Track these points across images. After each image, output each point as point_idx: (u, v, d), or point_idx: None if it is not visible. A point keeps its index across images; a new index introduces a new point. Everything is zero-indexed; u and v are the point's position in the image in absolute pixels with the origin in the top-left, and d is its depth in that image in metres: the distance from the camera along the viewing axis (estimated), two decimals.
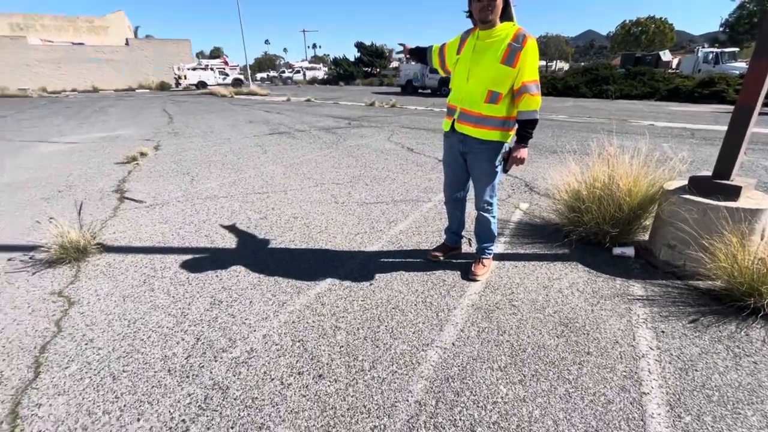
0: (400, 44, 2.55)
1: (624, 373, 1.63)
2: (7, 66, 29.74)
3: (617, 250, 2.66)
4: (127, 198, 3.98)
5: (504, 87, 1.99)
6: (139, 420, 1.43)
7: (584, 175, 2.89)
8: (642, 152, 2.80)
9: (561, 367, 1.67)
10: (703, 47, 27.05)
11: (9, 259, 2.66)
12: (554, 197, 3.16)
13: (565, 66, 56.17)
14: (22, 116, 12.27)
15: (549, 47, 61.21)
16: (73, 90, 30.90)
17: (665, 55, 29.70)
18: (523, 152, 2.08)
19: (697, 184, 2.41)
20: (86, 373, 1.66)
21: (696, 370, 1.65)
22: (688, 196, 2.37)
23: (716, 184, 2.33)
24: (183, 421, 1.42)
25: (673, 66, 29.49)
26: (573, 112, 12.41)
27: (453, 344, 1.82)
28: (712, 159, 4.77)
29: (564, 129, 8.46)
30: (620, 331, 1.90)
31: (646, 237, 2.82)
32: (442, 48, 2.33)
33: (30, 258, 2.66)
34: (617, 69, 23.41)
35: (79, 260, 2.61)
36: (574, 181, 2.92)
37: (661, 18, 50.40)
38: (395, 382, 1.60)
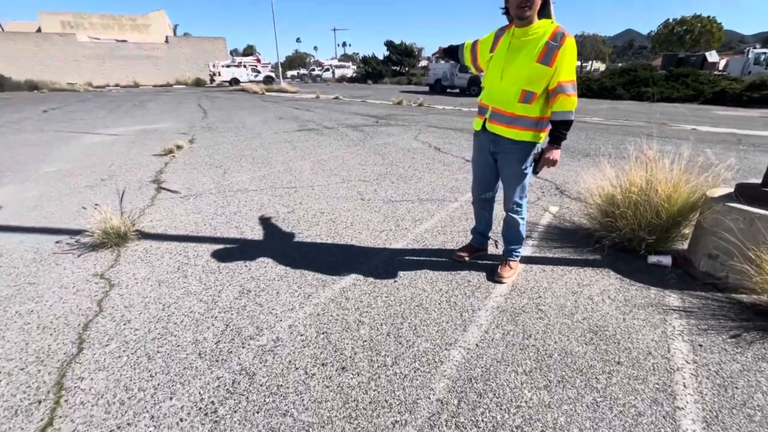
0: (439, 47, 2.54)
1: (657, 386, 1.57)
2: (58, 61, 31.73)
3: (653, 259, 2.55)
4: (164, 188, 4.16)
5: (539, 86, 1.95)
6: (171, 399, 1.50)
7: (620, 179, 2.78)
8: (683, 157, 2.67)
9: (589, 375, 1.62)
10: (755, 48, 25.37)
11: (57, 242, 2.84)
12: (586, 201, 3.06)
13: (602, 66, 54.08)
14: (70, 108, 13.04)
15: (585, 47, 58.96)
16: (116, 85, 32.55)
17: (711, 56, 28.10)
18: (555, 154, 2.03)
19: (745, 192, 2.27)
20: (124, 351, 1.75)
21: (736, 388, 1.56)
22: (734, 204, 2.24)
23: (766, 193, 2.19)
24: (212, 402, 1.48)
25: (720, 67, 27.85)
26: (608, 114, 11.95)
27: (477, 345, 1.80)
28: (761, 167, 4.49)
29: (598, 132, 8.16)
30: (654, 342, 1.83)
31: (685, 246, 2.68)
32: (474, 44, 2.29)
33: (76, 241, 2.83)
34: (658, 70, 22.34)
35: (119, 245, 2.75)
36: (608, 184, 2.81)
37: (708, 17, 47.67)
38: (417, 380, 1.60)
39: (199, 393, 1.52)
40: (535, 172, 2.14)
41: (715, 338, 1.85)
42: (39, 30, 33.60)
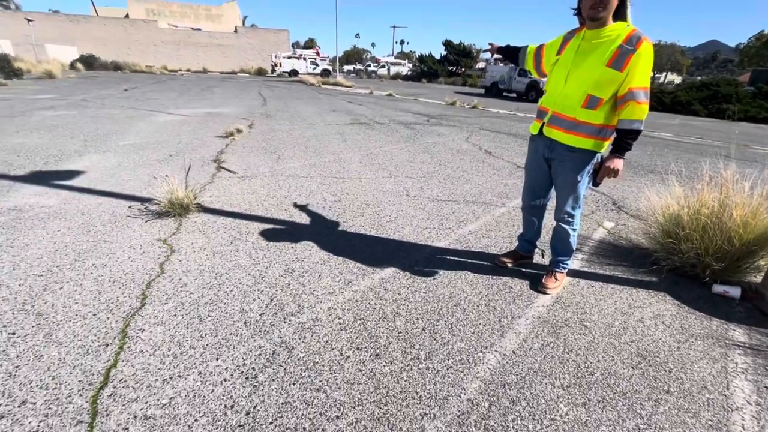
0: (490, 44, 2.48)
1: (710, 423, 1.45)
2: (140, 45, 34.73)
3: (718, 288, 2.34)
4: (223, 168, 4.44)
5: (606, 92, 1.85)
6: (217, 359, 1.61)
7: (689, 199, 2.58)
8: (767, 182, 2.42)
9: (633, 399, 1.53)
10: None
11: (129, 207, 3.14)
12: (647, 220, 2.86)
13: (677, 79, 49.81)
14: (146, 89, 14.24)
15: (660, 57, 54.46)
16: (188, 70, 35.02)
17: None
18: (617, 163, 1.92)
19: None
20: (179, 311, 1.90)
21: None
22: None
23: None
24: (253, 368, 1.58)
25: None
26: (680, 130, 11.03)
27: (513, 352, 1.76)
28: None
29: (668, 148, 7.57)
30: (711, 376, 1.68)
31: (759, 279, 2.43)
32: (539, 48, 2.22)
33: (145, 208, 3.11)
34: (744, 86, 20.22)
35: (181, 215, 2.99)
36: (674, 204, 2.61)
37: None
38: (449, 377, 1.59)
39: (242, 358, 1.63)
40: (596, 183, 2.03)
41: None
42: (127, 15, 36.91)
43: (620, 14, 1.85)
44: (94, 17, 35.26)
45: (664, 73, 57.26)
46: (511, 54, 2.38)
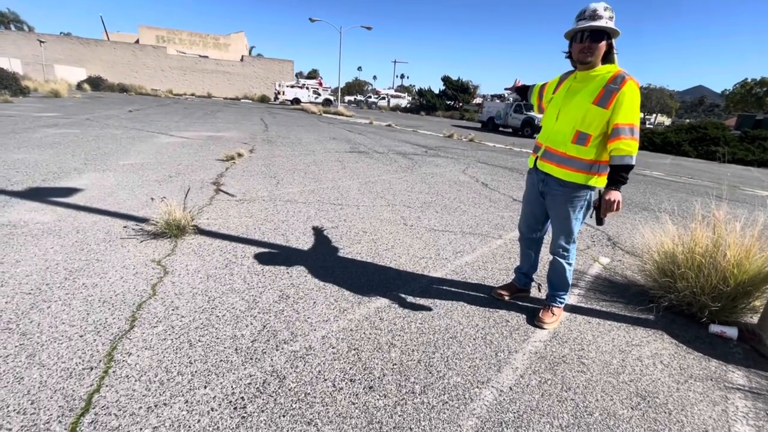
0: (516, 80, 2.62)
1: None
2: (148, 69, 35.73)
3: (715, 328, 2.32)
4: (222, 191, 4.45)
5: (594, 129, 1.92)
6: (205, 387, 1.55)
7: (683, 237, 2.61)
8: (758, 223, 2.46)
9: None
10: None
11: (124, 227, 3.12)
12: (642, 256, 2.88)
13: (666, 121, 51.64)
14: (150, 111, 14.48)
15: (650, 100, 56.61)
16: (192, 94, 35.86)
17: None
18: (613, 194, 1.91)
19: None
20: (169, 335, 1.85)
21: None
22: None
23: None
24: (242, 398, 1.52)
25: None
26: (671, 170, 11.30)
27: (510, 388, 1.72)
28: None
29: (659, 186, 7.72)
30: (712, 419, 1.64)
31: (755, 320, 2.43)
32: (542, 86, 2.36)
33: (141, 228, 3.09)
34: (731, 130, 20.97)
35: (177, 237, 2.97)
36: (669, 241, 2.64)
37: None
38: (445, 413, 1.54)
39: (231, 387, 1.57)
40: (600, 221, 2.01)
41: None
42: (137, 41, 38.15)
43: (608, 59, 1.96)
44: (105, 41, 36.39)
45: (654, 115, 59.41)
46: (523, 91, 2.54)
